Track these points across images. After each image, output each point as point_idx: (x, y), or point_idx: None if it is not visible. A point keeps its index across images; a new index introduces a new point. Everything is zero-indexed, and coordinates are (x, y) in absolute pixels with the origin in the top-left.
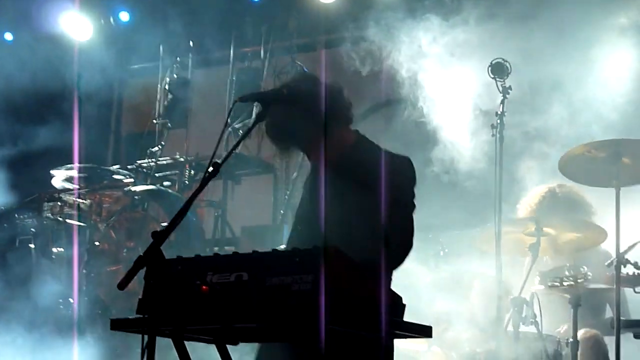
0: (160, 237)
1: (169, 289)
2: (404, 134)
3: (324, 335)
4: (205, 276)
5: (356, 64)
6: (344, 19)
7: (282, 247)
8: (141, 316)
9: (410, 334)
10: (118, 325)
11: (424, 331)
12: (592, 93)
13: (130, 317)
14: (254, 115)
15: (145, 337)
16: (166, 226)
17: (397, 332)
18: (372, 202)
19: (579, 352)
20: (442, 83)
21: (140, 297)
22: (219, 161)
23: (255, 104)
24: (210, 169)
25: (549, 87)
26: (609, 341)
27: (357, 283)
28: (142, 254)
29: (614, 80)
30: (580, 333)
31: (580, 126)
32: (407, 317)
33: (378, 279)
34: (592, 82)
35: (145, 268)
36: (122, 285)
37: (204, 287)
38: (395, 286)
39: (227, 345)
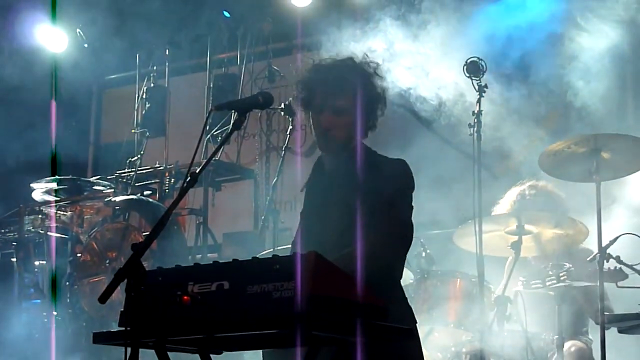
0: (140, 248)
1: (151, 301)
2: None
3: (305, 341)
4: (186, 286)
5: None
6: (319, 22)
7: (264, 252)
8: (123, 329)
9: (391, 337)
10: (100, 338)
11: (404, 333)
12: (569, 88)
13: (112, 330)
14: (231, 123)
15: (129, 349)
16: (146, 237)
17: (378, 335)
18: (375, 193)
19: None
20: (420, 83)
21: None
22: (196, 170)
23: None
24: (188, 178)
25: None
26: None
27: (338, 287)
28: (122, 267)
29: (591, 75)
30: (567, 346)
31: (558, 122)
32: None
33: (357, 283)
34: (570, 78)
35: (126, 280)
36: (103, 299)
37: (185, 297)
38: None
39: (212, 355)
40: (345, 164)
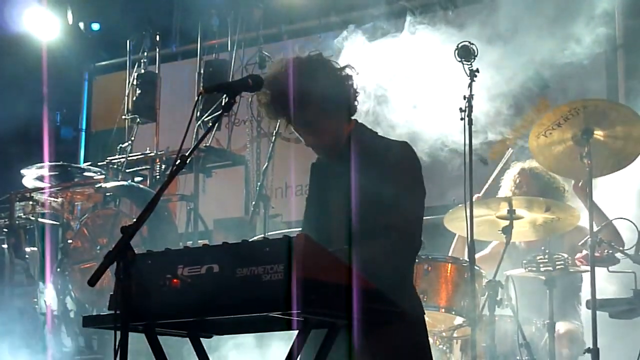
0: (129, 231)
1: (140, 284)
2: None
3: (295, 324)
4: (175, 269)
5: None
6: (309, 8)
7: (255, 238)
8: (113, 312)
9: (382, 320)
10: (90, 322)
11: (396, 316)
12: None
13: (101, 313)
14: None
15: (118, 333)
16: (135, 220)
17: (369, 318)
18: (378, 193)
19: (556, 344)
20: (409, 70)
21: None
22: (186, 153)
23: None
24: (178, 161)
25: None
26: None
27: (328, 270)
28: (111, 249)
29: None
30: (558, 326)
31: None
32: None
33: (350, 267)
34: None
35: (115, 264)
36: (92, 282)
37: (174, 280)
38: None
39: (202, 339)
40: (343, 162)
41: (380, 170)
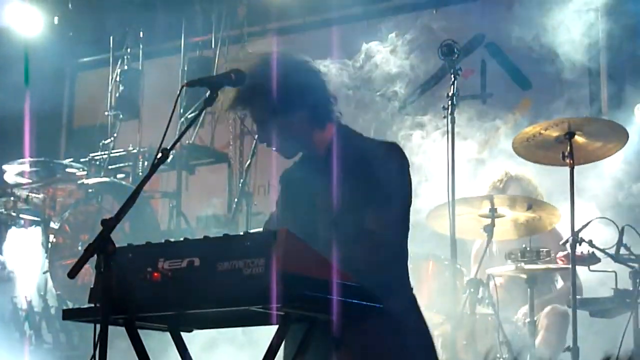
0: (110, 224)
1: (120, 277)
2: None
3: (276, 318)
4: (156, 263)
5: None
6: (293, 6)
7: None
8: (93, 305)
9: (363, 315)
10: (70, 315)
11: (378, 311)
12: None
13: (82, 306)
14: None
15: (98, 326)
16: (116, 213)
17: (350, 313)
18: (362, 197)
19: (544, 327)
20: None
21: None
22: (168, 147)
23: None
24: (159, 155)
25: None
26: None
27: (310, 265)
28: (91, 242)
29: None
30: (548, 309)
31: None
32: None
33: (331, 263)
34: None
35: (96, 256)
36: (72, 274)
37: (155, 274)
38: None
39: (182, 333)
40: (327, 169)
41: (366, 174)
